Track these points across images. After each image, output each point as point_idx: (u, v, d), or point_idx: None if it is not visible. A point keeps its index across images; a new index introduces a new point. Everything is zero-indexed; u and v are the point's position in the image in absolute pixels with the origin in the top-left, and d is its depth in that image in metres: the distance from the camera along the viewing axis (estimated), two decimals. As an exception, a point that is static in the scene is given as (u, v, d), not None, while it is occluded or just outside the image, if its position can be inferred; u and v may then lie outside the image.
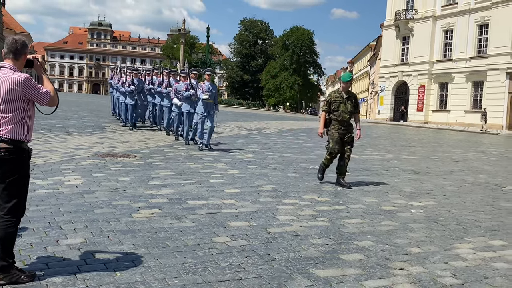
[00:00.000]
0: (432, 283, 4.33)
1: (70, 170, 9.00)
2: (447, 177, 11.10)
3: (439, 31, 44.85)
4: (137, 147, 13.00)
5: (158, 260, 4.48)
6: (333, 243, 5.35)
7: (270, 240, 5.32)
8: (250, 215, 6.39)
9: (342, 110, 8.51)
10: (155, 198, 7.05)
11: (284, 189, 8.47)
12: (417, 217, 6.96)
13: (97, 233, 5.22)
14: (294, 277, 4.26)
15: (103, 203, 6.57)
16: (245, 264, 4.53)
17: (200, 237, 5.29)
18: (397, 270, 4.62)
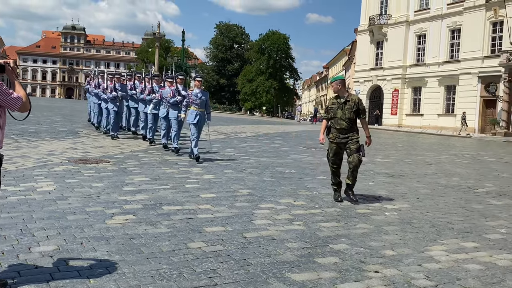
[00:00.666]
0: (406, 286, 4.37)
1: (42, 176, 8.88)
2: (420, 180, 11.23)
3: (412, 36, 45.49)
4: (111, 152, 12.88)
5: (132, 266, 4.44)
6: (308, 247, 5.37)
7: (246, 245, 5.32)
8: (226, 220, 6.37)
9: (339, 117, 7.70)
10: (130, 204, 6.99)
11: (260, 193, 8.47)
12: (391, 219, 7.02)
13: (70, 240, 5.16)
14: (270, 282, 4.26)
15: (76, 209, 6.48)
16: (221, 269, 4.52)
17: (175, 243, 5.26)
18: (372, 273, 4.65)
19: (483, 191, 10.17)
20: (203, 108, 11.65)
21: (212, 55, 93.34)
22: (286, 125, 42.02)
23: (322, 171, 11.62)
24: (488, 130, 37.00)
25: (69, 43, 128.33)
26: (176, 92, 12.40)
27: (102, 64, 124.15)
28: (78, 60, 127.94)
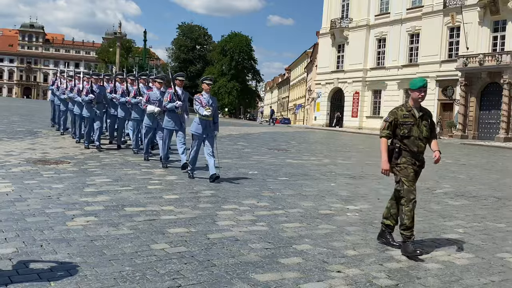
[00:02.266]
0: (368, 285, 4.44)
1: (0, 177, 8.65)
2: (380, 181, 11.35)
3: (372, 39, 46.19)
4: (71, 153, 12.64)
5: (94, 269, 4.37)
6: (272, 248, 5.39)
7: (210, 246, 5.30)
8: (189, 221, 6.33)
9: (415, 136, 5.48)
10: (91, 205, 6.87)
11: (224, 194, 8.45)
12: (353, 220, 7.10)
13: (30, 242, 5.04)
14: (234, 282, 4.26)
15: (35, 211, 6.34)
16: (185, 270, 4.49)
17: (138, 244, 5.20)
18: (334, 272, 4.70)
19: (441, 192, 10.38)
20: (212, 116, 9.68)
21: (175, 56, 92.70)
22: (249, 126, 42.02)
23: (284, 173, 11.69)
24: (445, 133, 37.83)
25: (27, 41, 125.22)
26: (175, 96, 10.28)
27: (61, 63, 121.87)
28: (37, 59, 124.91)
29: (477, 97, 36.15)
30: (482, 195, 10.25)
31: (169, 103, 10.22)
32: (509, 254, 5.73)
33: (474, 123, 36.05)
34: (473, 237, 6.52)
